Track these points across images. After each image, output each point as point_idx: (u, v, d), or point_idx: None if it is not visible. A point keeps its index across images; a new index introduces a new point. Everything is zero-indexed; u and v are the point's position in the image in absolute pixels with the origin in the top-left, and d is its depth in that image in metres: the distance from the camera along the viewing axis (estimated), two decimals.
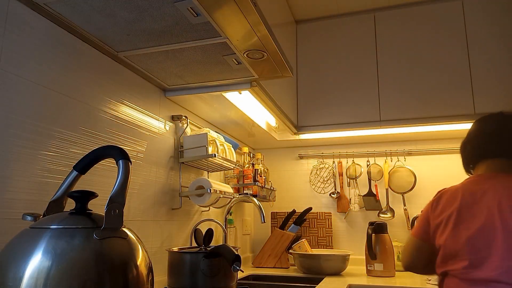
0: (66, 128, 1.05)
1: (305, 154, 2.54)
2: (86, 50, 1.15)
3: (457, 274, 1.14)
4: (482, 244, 1.10)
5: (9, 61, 0.90)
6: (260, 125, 1.94)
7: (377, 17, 2.17)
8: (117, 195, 0.69)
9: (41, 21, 1.00)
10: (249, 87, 1.43)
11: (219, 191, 1.62)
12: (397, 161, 2.33)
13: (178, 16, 1.00)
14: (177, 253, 1.19)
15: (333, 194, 2.42)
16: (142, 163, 1.38)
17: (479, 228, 1.12)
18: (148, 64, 1.29)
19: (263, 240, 2.53)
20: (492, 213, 1.12)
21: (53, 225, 0.66)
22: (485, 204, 1.15)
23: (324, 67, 2.21)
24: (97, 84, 1.18)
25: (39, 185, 0.95)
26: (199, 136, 1.58)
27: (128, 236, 0.71)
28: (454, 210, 1.20)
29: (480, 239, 1.11)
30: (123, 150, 0.76)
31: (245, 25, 1.04)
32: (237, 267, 1.01)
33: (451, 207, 1.21)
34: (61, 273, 0.60)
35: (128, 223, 1.28)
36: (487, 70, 1.94)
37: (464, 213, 1.17)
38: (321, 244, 2.36)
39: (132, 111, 1.34)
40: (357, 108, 2.10)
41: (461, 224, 1.16)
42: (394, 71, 2.08)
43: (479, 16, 2.00)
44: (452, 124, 1.96)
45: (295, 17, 2.28)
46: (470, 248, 1.12)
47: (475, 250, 1.11)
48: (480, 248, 1.10)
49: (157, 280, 1.41)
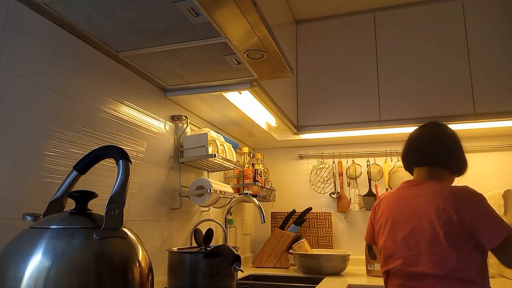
0: (66, 128, 1.05)
1: (305, 154, 2.54)
2: (86, 50, 1.15)
3: (396, 271, 1.29)
4: (414, 244, 1.25)
5: (9, 61, 0.90)
6: (260, 125, 1.94)
7: (377, 17, 2.17)
8: (117, 195, 0.69)
9: (41, 21, 1.00)
10: (249, 87, 1.43)
11: (219, 191, 1.62)
12: (397, 161, 2.33)
13: (178, 16, 1.00)
14: (177, 253, 1.19)
15: (333, 194, 2.42)
16: (142, 163, 1.38)
17: (411, 230, 1.27)
18: (148, 64, 1.29)
19: (263, 240, 2.53)
20: (421, 216, 1.26)
21: (53, 225, 0.66)
22: (416, 208, 1.29)
23: (324, 67, 2.21)
24: (97, 84, 1.18)
25: (39, 185, 0.95)
26: (199, 136, 1.58)
27: (128, 236, 0.71)
28: (390, 214, 1.35)
29: (411, 239, 1.26)
30: (123, 150, 0.76)
31: (245, 25, 1.04)
32: (237, 267, 1.01)
33: (388, 211, 1.36)
34: (61, 273, 0.60)
35: (128, 223, 1.28)
36: (487, 70, 1.94)
37: (399, 216, 1.32)
38: (321, 244, 2.35)
39: (132, 111, 1.34)
40: (357, 108, 2.10)
41: (396, 226, 1.31)
42: (394, 71, 2.08)
43: (479, 16, 2.00)
44: (452, 124, 1.96)
45: (295, 17, 2.28)
46: (404, 247, 1.27)
47: (409, 248, 1.26)
48: (412, 247, 1.25)
49: (157, 280, 1.41)
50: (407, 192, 1.36)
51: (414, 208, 1.29)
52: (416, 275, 1.23)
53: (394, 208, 1.35)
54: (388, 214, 1.36)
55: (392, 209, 1.35)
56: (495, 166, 2.19)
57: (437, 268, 1.19)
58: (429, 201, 1.26)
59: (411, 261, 1.25)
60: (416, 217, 1.27)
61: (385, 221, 1.36)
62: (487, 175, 2.19)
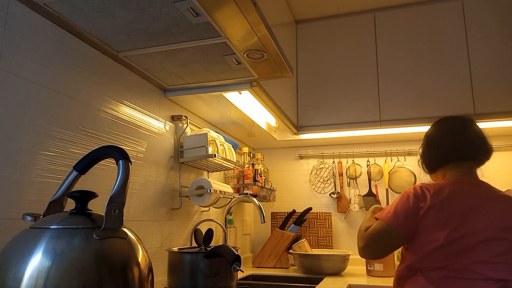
0: (66, 128, 1.05)
1: (305, 154, 2.54)
2: (86, 50, 1.15)
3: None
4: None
5: (9, 61, 0.90)
6: (260, 125, 1.94)
7: (377, 17, 2.17)
8: (117, 195, 0.69)
9: (41, 21, 1.00)
10: (249, 87, 1.43)
11: (219, 191, 1.62)
12: (397, 161, 2.33)
13: (178, 16, 1.00)
14: (177, 253, 1.19)
15: (333, 194, 2.42)
16: (142, 163, 1.38)
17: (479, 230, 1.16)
18: (148, 64, 1.29)
19: (263, 240, 2.53)
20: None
21: (53, 225, 0.66)
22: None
23: (324, 67, 2.21)
24: (97, 84, 1.18)
25: (39, 185, 0.95)
26: (199, 136, 1.58)
27: (128, 236, 0.71)
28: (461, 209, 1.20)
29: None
30: (123, 150, 0.76)
31: (245, 25, 1.04)
32: (237, 267, 1.01)
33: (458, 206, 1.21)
34: (61, 273, 0.60)
35: (128, 223, 1.28)
36: (487, 70, 1.94)
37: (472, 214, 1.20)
38: (321, 244, 2.35)
39: (132, 111, 1.34)
40: (357, 108, 2.10)
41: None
42: (394, 71, 2.08)
43: (479, 16, 2.00)
44: None
45: (295, 17, 2.28)
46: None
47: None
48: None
49: (157, 280, 1.41)
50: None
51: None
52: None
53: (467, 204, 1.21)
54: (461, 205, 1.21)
55: (462, 206, 1.21)
56: (495, 166, 2.19)
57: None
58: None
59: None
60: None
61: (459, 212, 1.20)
62: (487, 175, 2.19)
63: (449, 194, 1.22)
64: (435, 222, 1.19)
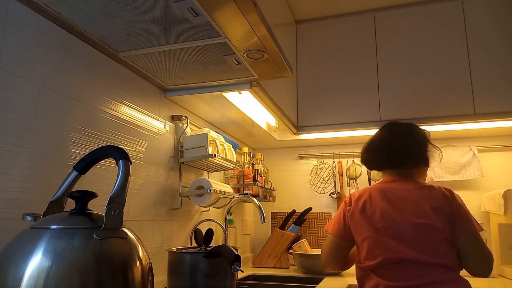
0: (66, 128, 1.05)
1: (305, 154, 2.54)
2: (86, 50, 1.15)
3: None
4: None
5: (9, 61, 0.90)
6: (260, 125, 1.94)
7: (377, 17, 2.17)
8: (117, 195, 0.69)
9: (41, 21, 1.00)
10: (249, 87, 1.43)
11: (219, 191, 1.62)
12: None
13: (178, 16, 1.00)
14: (177, 253, 1.19)
15: (333, 194, 2.42)
16: (142, 163, 1.38)
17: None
18: (148, 64, 1.29)
19: (263, 240, 2.53)
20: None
21: (53, 225, 0.66)
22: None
23: (324, 67, 2.21)
24: (97, 84, 1.18)
25: (39, 185, 0.95)
26: (199, 136, 1.58)
27: (128, 236, 0.71)
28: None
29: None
30: (123, 150, 0.76)
31: (245, 25, 1.04)
32: (237, 267, 1.01)
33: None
34: (61, 273, 0.60)
35: (128, 223, 1.28)
36: (487, 70, 1.94)
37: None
38: (321, 244, 2.35)
39: (132, 111, 1.34)
40: (357, 108, 2.10)
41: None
42: (394, 71, 2.08)
43: (479, 16, 2.00)
44: (452, 124, 1.96)
45: (295, 17, 2.28)
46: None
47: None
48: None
49: (157, 280, 1.41)
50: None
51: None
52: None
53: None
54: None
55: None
56: (495, 166, 2.19)
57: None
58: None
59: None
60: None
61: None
62: (487, 175, 2.19)
63: (371, 195, 1.32)
64: (359, 222, 1.29)
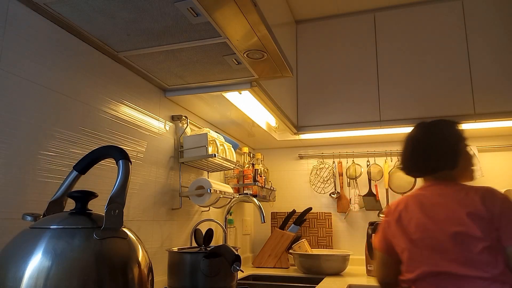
0: (66, 128, 1.05)
1: (305, 154, 2.54)
2: (86, 50, 1.15)
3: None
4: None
5: (9, 61, 0.90)
6: (260, 125, 1.94)
7: (377, 17, 2.17)
8: (117, 195, 0.69)
9: (41, 21, 1.00)
10: (249, 87, 1.43)
11: (219, 191, 1.62)
12: (397, 161, 2.33)
13: (178, 16, 1.00)
14: (177, 253, 1.19)
15: (333, 194, 2.42)
16: (142, 163, 1.38)
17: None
18: (148, 64, 1.29)
19: (263, 240, 2.53)
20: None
21: (53, 225, 0.66)
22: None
23: (324, 67, 2.21)
24: (97, 84, 1.18)
25: (39, 185, 0.95)
26: (199, 136, 1.58)
27: (128, 236, 0.71)
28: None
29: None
30: (123, 150, 0.76)
31: (245, 25, 1.04)
32: (237, 267, 1.01)
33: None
34: (61, 273, 0.60)
35: (128, 223, 1.28)
36: (487, 70, 1.94)
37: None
38: (321, 244, 2.35)
39: (132, 111, 1.34)
40: (357, 108, 2.10)
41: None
42: (394, 71, 2.08)
43: (479, 16, 2.00)
44: None
45: (295, 17, 2.28)
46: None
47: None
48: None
49: (157, 280, 1.41)
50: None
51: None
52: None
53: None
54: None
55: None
56: (495, 166, 2.19)
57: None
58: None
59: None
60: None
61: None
62: (487, 175, 2.19)
63: (407, 203, 1.26)
64: (395, 233, 1.24)
